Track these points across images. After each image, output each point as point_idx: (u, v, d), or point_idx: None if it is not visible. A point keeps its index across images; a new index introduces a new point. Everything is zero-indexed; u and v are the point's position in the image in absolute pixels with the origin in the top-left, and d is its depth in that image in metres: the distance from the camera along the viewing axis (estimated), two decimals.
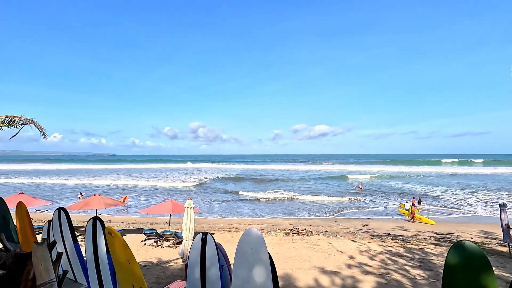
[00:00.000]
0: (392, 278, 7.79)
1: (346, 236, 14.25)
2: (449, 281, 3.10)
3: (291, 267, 8.86)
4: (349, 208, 23.32)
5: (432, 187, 36.54)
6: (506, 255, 11.06)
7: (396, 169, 68.60)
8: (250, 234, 3.30)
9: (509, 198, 27.28)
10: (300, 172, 61.61)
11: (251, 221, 18.87)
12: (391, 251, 10.93)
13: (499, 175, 53.00)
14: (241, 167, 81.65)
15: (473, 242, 3.32)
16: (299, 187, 36.55)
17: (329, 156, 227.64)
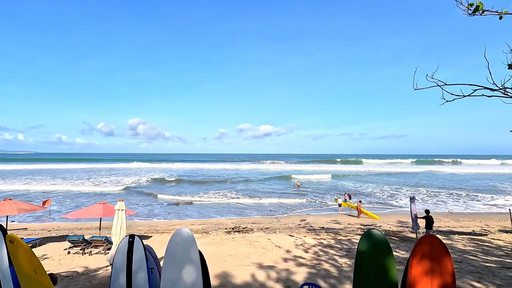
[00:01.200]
0: (322, 268, 8.46)
1: (285, 231, 14.96)
2: (360, 265, 3.52)
3: (230, 264, 8.94)
4: (288, 205, 24.51)
5: (363, 184, 40.73)
6: (414, 240, 12.94)
7: (331, 168, 74.51)
8: (180, 234, 3.24)
9: (426, 192, 31.99)
10: (245, 172, 62.45)
11: (193, 222, 18.46)
12: (323, 243, 11.86)
13: (418, 173, 61.55)
14: (185, 166, 78.92)
15: (379, 231, 3.83)
16: (242, 188, 37.02)
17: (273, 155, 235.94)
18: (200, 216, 20.39)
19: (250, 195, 29.36)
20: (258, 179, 45.40)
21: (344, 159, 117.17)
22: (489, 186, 37.62)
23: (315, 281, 7.33)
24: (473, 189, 34.34)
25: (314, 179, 46.42)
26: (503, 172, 61.96)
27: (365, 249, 3.39)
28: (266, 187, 36.09)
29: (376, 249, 3.35)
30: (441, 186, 37.47)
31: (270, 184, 39.89)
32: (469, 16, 3.90)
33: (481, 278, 7.51)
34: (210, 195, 29.08)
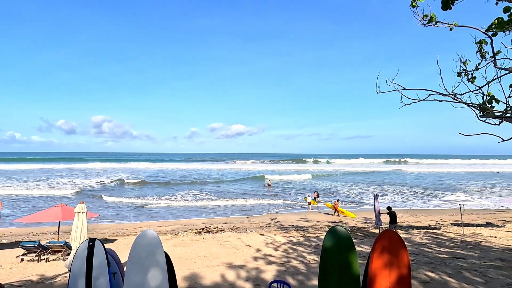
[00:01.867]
0: (291, 265, 8.64)
1: (256, 230, 15.07)
2: (325, 261, 3.66)
3: (199, 266, 8.82)
4: (259, 204, 24.70)
5: (332, 182, 42.21)
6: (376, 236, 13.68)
7: (302, 167, 76.36)
8: (145, 236, 3.13)
9: (391, 190, 33.87)
10: (216, 172, 61.87)
11: (162, 223, 17.92)
12: (293, 241, 12.12)
13: (383, 172, 64.94)
14: (154, 166, 76.09)
15: (343, 228, 4.02)
16: (213, 188, 36.65)
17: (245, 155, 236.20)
18: (169, 217, 19.85)
19: (222, 195, 29.17)
20: (230, 179, 45.23)
21: (315, 159, 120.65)
22: (444, 184, 40.89)
23: (284, 278, 7.47)
24: (431, 187, 37.10)
25: (285, 178, 47.24)
26: (456, 170, 67.66)
27: (330, 246, 3.51)
28: (237, 187, 36.07)
29: (340, 245, 3.49)
30: (403, 184, 40.02)
31: (241, 183, 39.93)
32: (424, 27, 4.22)
33: (434, 268, 8.14)
34: (180, 196, 28.44)
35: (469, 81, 4.58)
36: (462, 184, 40.38)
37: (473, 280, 7.24)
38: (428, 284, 6.97)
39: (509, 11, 3.52)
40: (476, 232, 14.19)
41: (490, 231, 14.33)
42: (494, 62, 3.80)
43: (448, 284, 6.95)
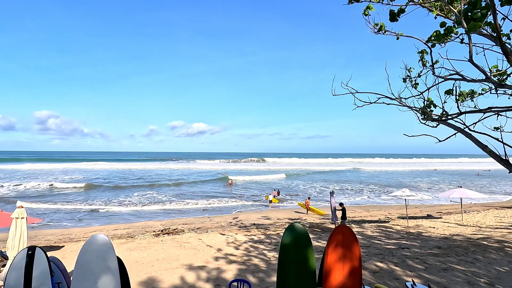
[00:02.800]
0: (252, 263, 8.72)
1: (217, 230, 14.92)
2: (283, 257, 3.75)
3: (157, 269, 8.47)
4: (221, 204, 24.52)
5: (293, 181, 43.45)
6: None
7: (264, 167, 77.49)
8: (94, 241, 2.91)
9: (349, 187, 35.80)
10: (177, 171, 60.02)
11: (116, 226, 16.86)
12: (254, 239, 12.24)
13: (342, 171, 68.41)
14: (108, 166, 71.20)
15: (301, 224, 4.17)
16: (174, 187, 35.51)
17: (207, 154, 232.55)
18: (125, 220, 18.76)
19: (182, 195, 28.38)
20: (191, 179, 44.20)
21: (277, 158, 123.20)
22: (393, 181, 44.54)
23: (245, 277, 7.51)
24: (383, 184, 40.15)
25: (247, 177, 47.51)
26: (403, 169, 74.11)
27: (288, 242, 3.60)
28: (199, 187, 35.39)
29: (298, 241, 3.60)
30: (360, 182, 42.74)
31: (203, 183, 39.24)
32: (375, 34, 4.54)
33: (383, 259, 8.82)
34: (137, 198, 27.05)
35: (413, 86, 5.03)
36: (408, 181, 44.38)
37: (415, 267, 7.99)
38: (377, 273, 7.53)
39: (444, 26, 3.94)
40: (419, 224, 15.69)
41: (430, 223, 15.95)
42: (432, 70, 4.23)
43: (395, 273, 7.58)
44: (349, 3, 4.43)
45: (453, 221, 16.35)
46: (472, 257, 8.93)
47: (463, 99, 5.23)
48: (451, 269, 7.84)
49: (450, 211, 20.70)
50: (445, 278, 7.18)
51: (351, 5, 4.50)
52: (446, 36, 4.25)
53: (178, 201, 25.42)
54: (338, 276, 3.65)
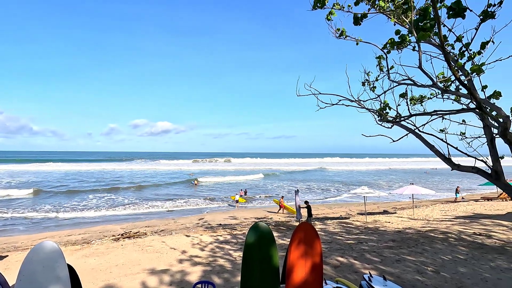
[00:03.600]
0: (217, 264, 8.61)
1: (182, 232, 14.52)
2: (247, 256, 3.75)
3: (116, 275, 8.00)
4: (186, 205, 23.94)
5: (260, 181, 43.79)
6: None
7: (230, 167, 77.22)
8: (41, 249, 2.66)
9: (315, 186, 36.89)
10: (140, 172, 57.41)
11: (70, 232, 15.65)
12: (220, 240, 12.11)
13: (307, 170, 70.37)
14: (62, 167, 65.66)
15: (264, 223, 4.21)
16: (135, 188, 33.89)
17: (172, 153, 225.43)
18: (81, 225, 17.49)
19: (145, 196, 27.19)
20: (155, 179, 42.56)
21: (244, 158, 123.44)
22: (354, 179, 46.99)
23: (210, 278, 7.40)
24: (345, 183, 42.15)
25: (214, 177, 46.97)
26: (365, 168, 78.54)
27: (252, 241, 3.60)
28: (163, 187, 34.17)
29: (261, 240, 3.61)
30: (324, 180, 44.41)
31: (168, 184, 37.97)
32: (337, 39, 4.74)
33: (343, 253, 9.25)
34: (95, 201, 25.37)
35: (371, 90, 5.33)
36: (368, 179, 47.14)
37: (372, 260, 8.50)
38: (338, 268, 7.88)
39: (399, 33, 4.23)
40: (376, 219, 16.72)
41: (386, 218, 17.09)
42: (388, 75, 4.52)
43: (354, 266, 7.99)
44: (313, 8, 4.56)
45: (406, 215, 17.69)
46: (421, 248, 9.73)
47: (414, 102, 5.67)
48: (403, 260, 8.47)
49: (403, 206, 22.38)
50: (398, 269, 7.73)
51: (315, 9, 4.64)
52: (401, 43, 4.57)
53: (141, 203, 24.31)
54: (301, 272, 3.74)
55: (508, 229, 12.70)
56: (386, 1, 4.45)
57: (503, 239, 11.01)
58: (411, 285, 6.74)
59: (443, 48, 3.09)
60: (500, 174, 3.41)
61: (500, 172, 3.42)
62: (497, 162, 3.44)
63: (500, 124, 3.06)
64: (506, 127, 2.98)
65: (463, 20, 3.78)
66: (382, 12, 4.52)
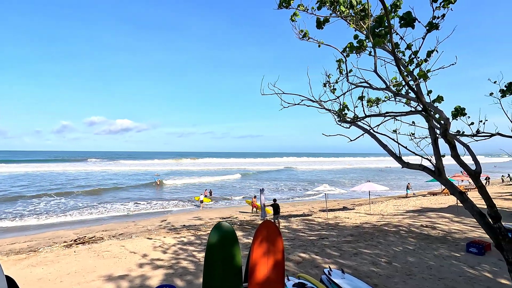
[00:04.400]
0: (180, 266, 8.38)
1: (143, 234, 13.88)
2: (209, 257, 3.69)
3: (68, 285, 7.40)
4: (148, 206, 22.95)
5: (227, 181, 43.46)
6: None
7: (195, 167, 75.70)
8: None
9: (285, 184, 37.40)
10: (96, 173, 53.77)
11: (14, 239, 14.14)
12: (183, 241, 11.80)
13: (273, 170, 71.25)
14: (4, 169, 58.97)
15: (229, 222, 4.20)
16: (91, 190, 31.70)
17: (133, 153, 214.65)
18: (27, 232, 15.88)
19: (102, 198, 25.53)
20: (114, 180, 40.17)
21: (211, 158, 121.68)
22: (318, 178, 48.75)
23: (172, 281, 7.17)
24: (310, 181, 43.54)
25: (178, 177, 45.66)
26: (328, 167, 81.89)
27: (214, 241, 3.55)
28: (122, 189, 32.35)
29: (224, 240, 3.57)
30: (289, 179, 45.40)
31: (128, 185, 36.05)
32: (300, 40, 4.86)
33: (306, 249, 9.56)
34: (43, 205, 23.23)
35: (331, 91, 5.56)
36: (330, 177, 49.23)
37: (332, 254, 8.89)
38: (301, 263, 8.12)
39: (357, 38, 4.45)
40: (336, 215, 17.53)
41: (345, 214, 18.00)
42: (347, 78, 4.74)
43: (315, 261, 8.28)
44: (279, 7, 4.62)
45: (363, 211, 18.80)
46: (376, 241, 10.41)
47: (371, 104, 6.02)
48: (360, 253, 8.98)
49: (361, 202, 23.76)
50: (355, 262, 8.18)
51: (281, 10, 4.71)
52: (359, 48, 4.82)
53: (97, 206, 22.75)
54: (263, 270, 3.77)
55: (449, 220, 14.12)
56: (346, 7, 4.66)
57: (445, 229, 12.21)
58: (366, 276, 7.17)
59: (394, 54, 3.32)
60: (442, 171, 3.76)
61: (442, 169, 3.77)
62: (440, 161, 3.80)
63: (441, 126, 3.38)
64: (446, 128, 3.30)
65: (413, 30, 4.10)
66: (342, 18, 4.73)
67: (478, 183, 3.43)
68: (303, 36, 4.65)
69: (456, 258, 8.49)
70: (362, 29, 4.91)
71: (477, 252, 8.76)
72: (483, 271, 7.53)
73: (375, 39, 3.79)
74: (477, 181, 3.42)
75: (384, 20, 3.96)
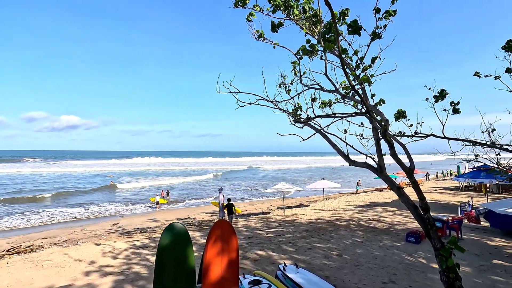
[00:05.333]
0: (132, 272, 7.94)
1: (90, 240, 12.87)
2: (160, 259, 3.56)
3: None
4: (98, 209, 21.36)
5: (185, 181, 42.18)
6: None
7: (151, 167, 72.37)
8: None
9: (246, 184, 37.26)
10: (36, 176, 48.53)
11: None
12: (136, 245, 11.20)
13: (241, 170, 70.89)
14: None
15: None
16: (28, 201, 28.57)
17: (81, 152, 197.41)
18: None
19: (43, 203, 23.09)
20: (58, 182, 36.58)
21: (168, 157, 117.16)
22: (280, 176, 49.83)
23: (122, 287, 6.77)
24: (272, 180, 44.28)
25: (132, 178, 43.25)
26: (286, 167, 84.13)
27: (166, 243, 3.44)
28: (69, 191, 29.59)
29: (176, 241, 3.48)
30: (250, 179, 45.64)
31: (76, 187, 33.12)
32: (256, 40, 4.92)
33: (263, 247, 9.72)
34: None
35: (286, 92, 5.72)
36: (289, 176, 50.68)
37: (288, 250, 9.18)
38: (257, 261, 8.24)
39: (309, 42, 4.65)
40: (293, 212, 18.12)
41: (302, 210, 18.70)
42: (300, 79, 4.93)
43: (272, 258, 8.47)
44: (234, 6, 4.62)
45: (318, 207, 19.73)
46: (328, 235, 11.00)
47: (323, 106, 6.33)
48: (314, 247, 9.41)
49: (316, 199, 24.90)
50: (309, 256, 8.54)
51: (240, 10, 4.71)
52: (311, 52, 5.03)
53: (37, 211, 20.51)
54: (217, 270, 3.75)
55: (393, 213, 15.49)
56: (300, 12, 4.83)
57: (389, 222, 13.36)
58: (319, 269, 7.53)
59: (341, 59, 3.53)
60: (383, 168, 4.11)
61: (383, 167, 4.13)
62: (381, 159, 4.15)
63: (381, 126, 3.69)
64: (386, 129, 3.62)
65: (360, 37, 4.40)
66: (296, 22, 4.89)
67: (412, 178, 3.81)
68: (258, 36, 4.72)
69: (397, 247, 9.35)
70: (314, 33, 5.13)
71: (414, 241, 9.74)
72: (419, 257, 8.41)
73: (325, 43, 3.99)
74: (410, 177, 3.80)
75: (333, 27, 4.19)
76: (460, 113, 4.06)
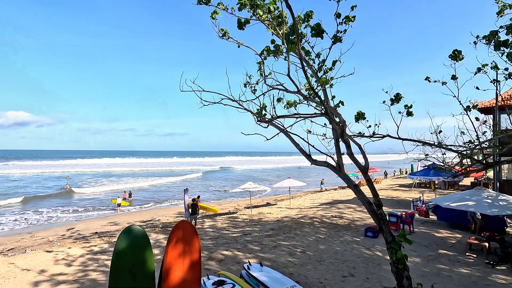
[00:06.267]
0: (88, 279, 7.46)
1: (41, 247, 11.84)
2: (116, 263, 3.38)
3: None
4: (50, 214, 19.72)
5: (152, 182, 40.49)
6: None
7: (112, 168, 68.63)
8: None
9: (214, 184, 36.56)
10: None
11: None
12: (94, 250, 10.52)
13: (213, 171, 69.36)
14: None
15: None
16: None
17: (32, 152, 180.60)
18: None
19: None
20: (2, 184, 33.16)
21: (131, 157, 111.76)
22: (250, 176, 49.89)
23: None
24: (241, 180, 44.16)
25: (90, 179, 40.61)
26: (254, 167, 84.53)
27: (123, 247, 3.27)
28: (18, 194, 26.92)
29: (134, 244, 3.33)
30: (219, 179, 45.10)
31: (24, 190, 30.23)
32: (220, 39, 4.88)
33: (229, 247, 9.67)
34: None
35: (252, 92, 5.75)
36: (258, 175, 51.01)
37: (253, 249, 9.23)
38: (223, 261, 8.18)
39: (274, 42, 4.72)
40: (260, 211, 18.29)
41: (268, 209, 18.94)
42: (265, 80, 4.98)
43: (237, 257, 8.46)
44: (198, 3, 4.53)
45: (284, 206, 20.13)
46: (293, 233, 11.27)
47: (288, 106, 6.46)
48: (279, 245, 9.58)
49: (283, 198, 25.37)
50: (274, 254, 8.68)
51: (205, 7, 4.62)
52: (276, 52, 5.11)
53: None
54: (178, 272, 3.65)
55: (354, 210, 16.30)
56: (265, 12, 4.87)
57: (350, 218, 14.04)
58: (284, 266, 7.69)
59: (301, 61, 3.63)
60: (341, 167, 4.31)
61: (341, 166, 4.33)
62: (340, 158, 4.35)
63: (339, 127, 3.87)
64: (343, 129, 3.80)
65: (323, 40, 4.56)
66: (262, 21, 4.93)
67: (366, 176, 4.04)
68: (223, 35, 4.68)
69: (356, 242, 9.86)
70: (278, 34, 5.21)
71: (372, 235, 10.35)
72: (375, 251, 8.95)
73: (288, 45, 4.07)
74: (365, 174, 4.03)
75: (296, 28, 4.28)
76: (413, 116, 4.38)
